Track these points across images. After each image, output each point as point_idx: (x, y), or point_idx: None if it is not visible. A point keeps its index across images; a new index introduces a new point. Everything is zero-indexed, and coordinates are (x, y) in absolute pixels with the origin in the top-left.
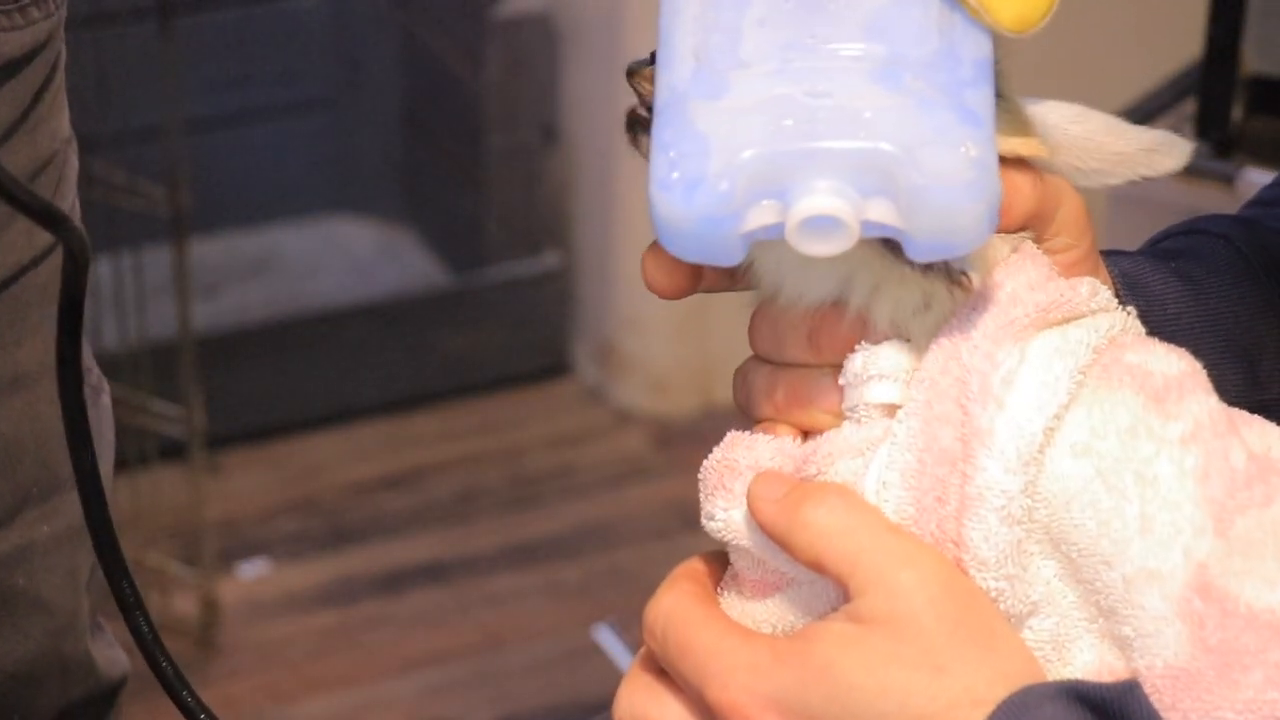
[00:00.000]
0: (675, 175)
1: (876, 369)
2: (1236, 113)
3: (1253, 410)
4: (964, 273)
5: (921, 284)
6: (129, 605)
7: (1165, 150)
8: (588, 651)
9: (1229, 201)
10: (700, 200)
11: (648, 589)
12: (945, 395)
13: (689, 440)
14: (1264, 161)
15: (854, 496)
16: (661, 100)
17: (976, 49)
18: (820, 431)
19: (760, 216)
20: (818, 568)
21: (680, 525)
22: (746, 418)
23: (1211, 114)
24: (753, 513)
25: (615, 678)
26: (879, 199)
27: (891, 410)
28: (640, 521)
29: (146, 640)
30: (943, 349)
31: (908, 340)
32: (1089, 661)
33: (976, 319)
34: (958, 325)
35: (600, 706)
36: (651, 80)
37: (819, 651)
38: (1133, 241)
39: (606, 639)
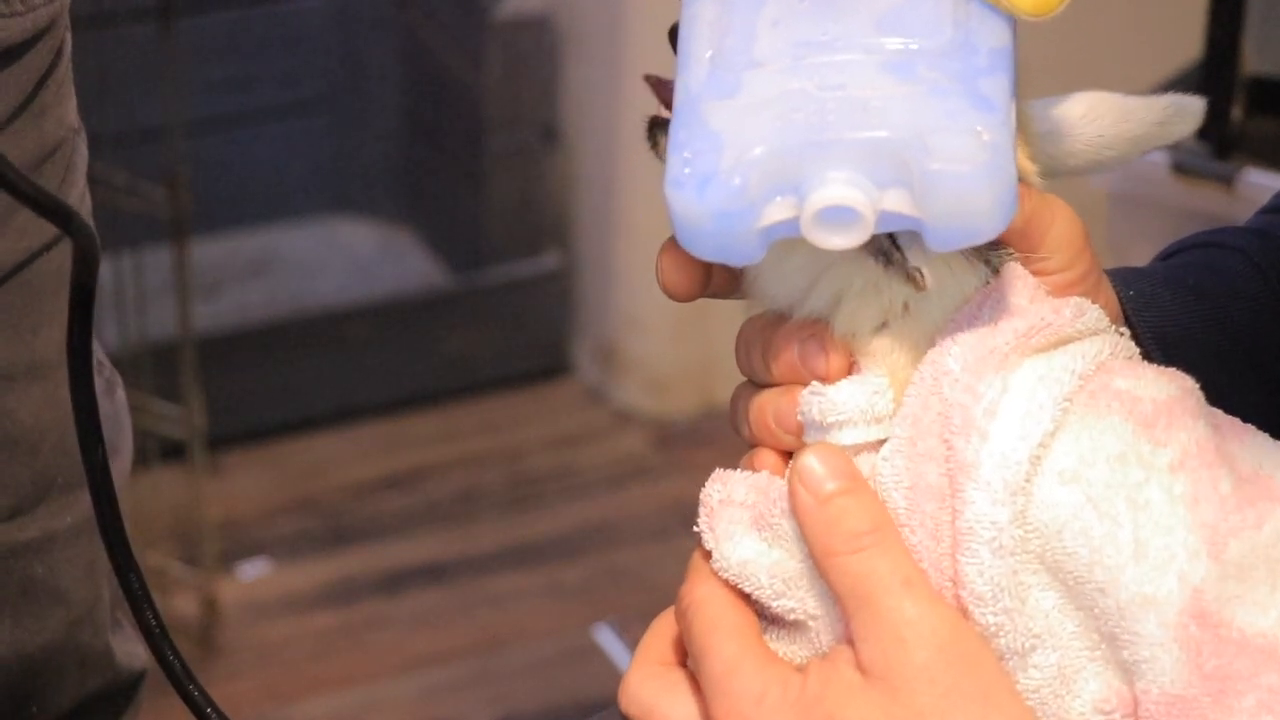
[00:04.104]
0: (687, 172)
1: (835, 415)
2: (1236, 113)
3: (1274, 429)
4: (919, 270)
5: (879, 300)
6: (137, 598)
7: (1177, 117)
8: (588, 651)
9: (1229, 202)
10: (713, 196)
11: (648, 589)
12: (928, 431)
13: (689, 440)
14: (1264, 162)
15: (885, 535)
16: (678, 102)
17: (994, 38)
18: (793, 453)
19: (776, 212)
20: (831, 591)
21: (680, 525)
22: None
23: (1211, 114)
24: (795, 505)
25: (615, 678)
26: (895, 189)
27: (863, 448)
28: (640, 521)
29: (154, 633)
30: (923, 383)
31: (859, 374)
32: (1096, 691)
33: (955, 351)
34: (937, 359)
35: (600, 706)
36: None
37: (828, 699)
38: (1132, 241)
39: (606, 639)
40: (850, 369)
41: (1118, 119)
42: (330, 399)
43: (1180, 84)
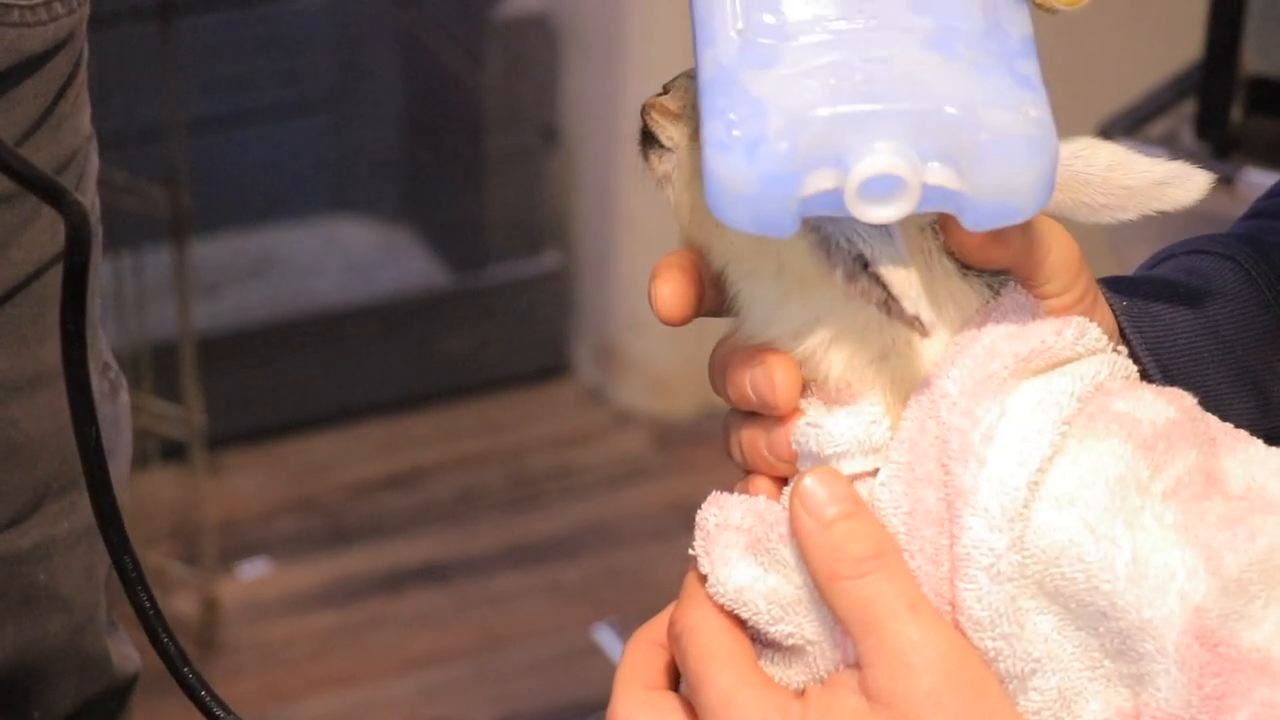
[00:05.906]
0: (735, 134)
1: (833, 447)
2: (1236, 113)
3: (1267, 435)
4: (917, 316)
5: (880, 338)
6: (137, 592)
7: (1179, 182)
8: (588, 651)
9: (1228, 202)
10: (761, 160)
11: (648, 589)
12: (926, 456)
13: (689, 440)
14: (1264, 161)
15: (889, 559)
16: (707, 75)
17: (1020, 25)
18: (788, 479)
19: (818, 182)
20: (835, 616)
21: (680, 525)
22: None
23: (1211, 114)
24: (796, 530)
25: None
26: (938, 163)
27: (861, 476)
28: (640, 521)
29: (159, 637)
30: (921, 408)
31: (850, 404)
32: (1097, 711)
33: (954, 375)
34: (935, 383)
35: (600, 706)
36: (664, 113)
37: None
38: (1131, 241)
39: (606, 639)
40: (804, 390)
41: (1110, 165)
42: (330, 399)
43: (1180, 84)
